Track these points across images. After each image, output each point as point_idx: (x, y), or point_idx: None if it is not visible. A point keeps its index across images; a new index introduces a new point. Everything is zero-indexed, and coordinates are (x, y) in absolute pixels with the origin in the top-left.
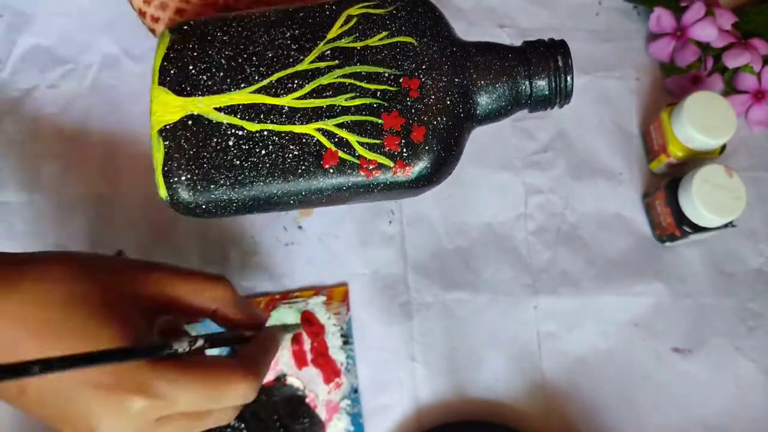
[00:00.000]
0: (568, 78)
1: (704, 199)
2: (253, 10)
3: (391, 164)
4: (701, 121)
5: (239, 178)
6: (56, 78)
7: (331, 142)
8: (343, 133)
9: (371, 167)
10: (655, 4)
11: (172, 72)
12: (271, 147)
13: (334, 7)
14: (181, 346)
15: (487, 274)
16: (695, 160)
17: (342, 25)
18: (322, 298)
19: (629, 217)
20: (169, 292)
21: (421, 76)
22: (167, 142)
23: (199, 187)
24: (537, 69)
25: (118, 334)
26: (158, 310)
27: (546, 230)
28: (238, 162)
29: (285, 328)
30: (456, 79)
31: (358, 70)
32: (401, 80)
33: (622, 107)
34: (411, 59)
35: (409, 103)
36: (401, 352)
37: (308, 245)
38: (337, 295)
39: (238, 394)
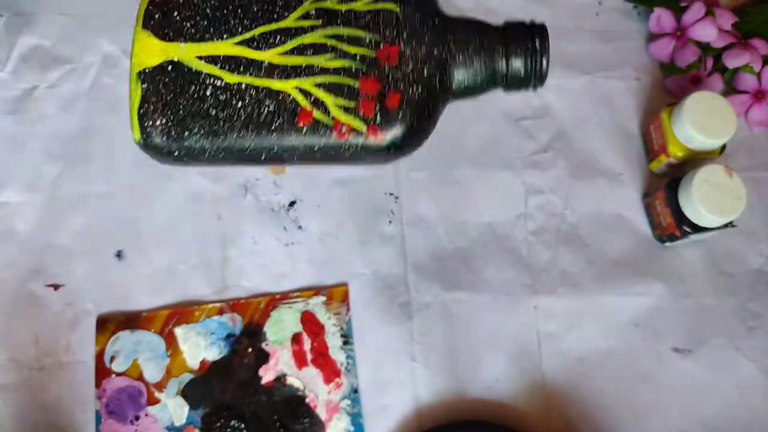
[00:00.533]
0: (544, 60)
1: (704, 199)
2: None
3: (364, 128)
4: (701, 121)
5: (214, 127)
6: (56, 78)
7: (307, 100)
8: (320, 93)
9: (344, 129)
10: (655, 4)
11: (156, 16)
12: (247, 100)
13: None
14: None
15: (487, 274)
16: (695, 160)
17: None
18: (322, 299)
19: (629, 217)
20: None
21: (401, 44)
22: (145, 85)
23: (173, 133)
24: (514, 48)
25: None
26: None
27: (546, 230)
28: (214, 112)
29: None
30: (435, 51)
31: (341, 32)
32: (381, 46)
33: (622, 107)
34: (393, 26)
35: (387, 69)
36: (401, 352)
37: (308, 245)
38: (337, 295)
39: None
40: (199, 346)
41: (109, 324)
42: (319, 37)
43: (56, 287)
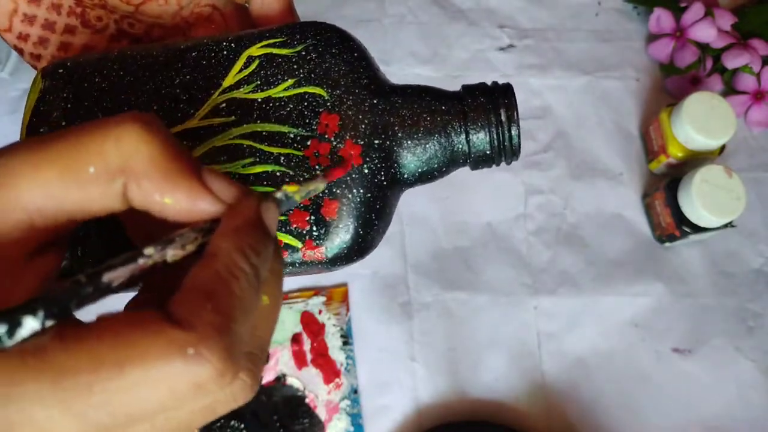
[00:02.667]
0: (513, 133)
1: (704, 199)
2: (141, 46)
3: (300, 245)
4: (701, 122)
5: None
6: None
7: None
8: None
9: None
10: (655, 4)
11: (41, 130)
12: None
13: (233, 45)
14: (36, 318)
15: (487, 274)
16: (695, 160)
17: (241, 70)
18: (322, 299)
19: (629, 217)
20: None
21: (333, 138)
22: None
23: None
24: (475, 124)
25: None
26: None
27: (546, 230)
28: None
29: (281, 194)
30: (376, 141)
31: (258, 129)
32: (309, 143)
33: (622, 108)
34: (320, 116)
35: (318, 171)
36: (401, 353)
37: None
38: (337, 295)
39: (187, 379)
40: None
41: None
42: (233, 137)
43: None
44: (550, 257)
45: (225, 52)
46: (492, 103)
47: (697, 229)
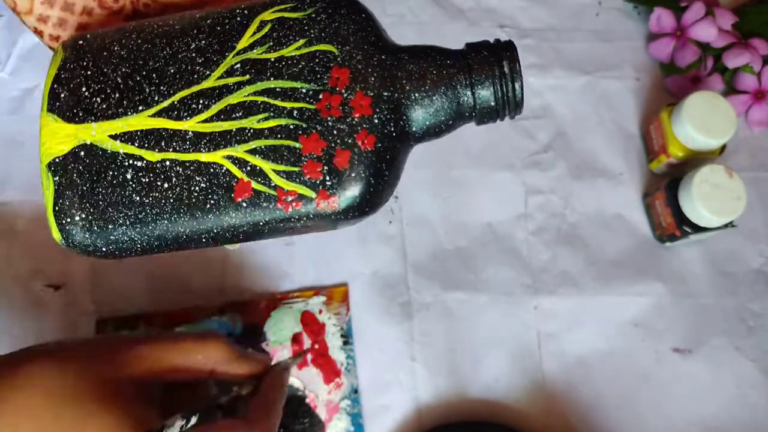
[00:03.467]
0: (516, 85)
1: (704, 199)
2: (157, 18)
3: (313, 195)
4: (701, 121)
5: (140, 216)
6: None
7: (242, 171)
8: (256, 161)
9: (290, 199)
10: (655, 4)
11: (62, 96)
12: (174, 179)
13: (246, 12)
14: (171, 429)
15: (487, 274)
16: (695, 160)
17: (254, 33)
18: (322, 299)
19: (629, 217)
20: (158, 365)
21: (344, 90)
22: (57, 177)
23: (95, 228)
24: (480, 76)
25: (115, 425)
26: (155, 383)
27: (546, 230)
28: (137, 197)
29: (288, 362)
30: (385, 93)
31: (272, 86)
32: (321, 96)
33: (622, 107)
34: (331, 71)
35: (330, 123)
36: (401, 353)
37: (308, 245)
38: (337, 295)
39: None
40: None
41: (109, 324)
42: (248, 94)
43: (56, 288)
44: (550, 257)
45: (238, 18)
46: (495, 56)
47: (698, 228)
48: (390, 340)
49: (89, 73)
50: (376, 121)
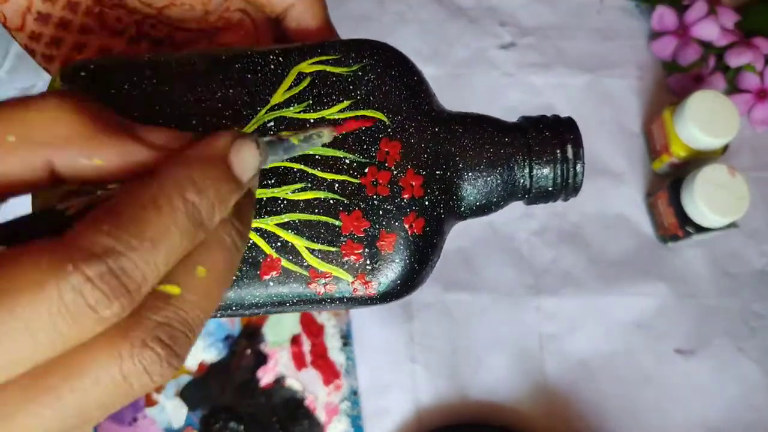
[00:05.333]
0: (578, 169)
1: (707, 199)
2: (175, 53)
3: (350, 278)
4: (704, 121)
5: None
6: None
7: (272, 247)
8: (288, 236)
9: (324, 281)
10: (658, 2)
11: None
12: None
13: (281, 59)
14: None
15: (488, 274)
16: (698, 159)
17: (291, 87)
18: None
19: (632, 217)
20: None
21: (393, 167)
22: None
23: None
24: (540, 159)
25: None
26: None
27: (548, 230)
28: None
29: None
30: (438, 172)
31: (311, 152)
32: (367, 170)
33: (625, 106)
34: (380, 143)
35: (376, 201)
36: (401, 354)
37: None
38: None
39: (66, 311)
40: (198, 348)
41: None
42: (282, 160)
43: None
44: (552, 257)
45: (272, 66)
46: (558, 138)
47: (700, 229)
48: (390, 342)
49: None
50: (427, 203)
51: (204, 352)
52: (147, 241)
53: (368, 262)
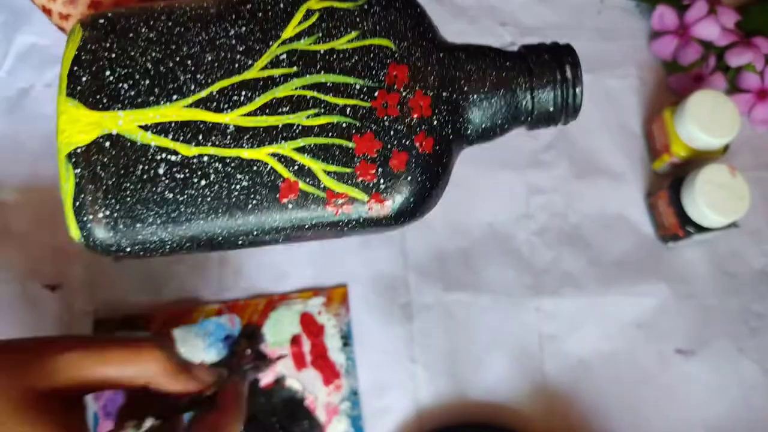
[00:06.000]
0: (577, 90)
1: (707, 199)
2: (187, 1)
3: (366, 198)
4: (704, 120)
5: (173, 214)
6: (53, 77)
7: (289, 170)
8: (304, 160)
9: (340, 201)
10: (658, 1)
11: (84, 79)
12: (213, 176)
13: None
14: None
15: (488, 274)
16: (698, 159)
17: (300, 22)
18: (322, 300)
19: (632, 217)
20: (85, 376)
21: (402, 89)
22: (79, 170)
23: (121, 226)
24: (540, 80)
25: None
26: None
27: (548, 230)
28: (171, 195)
29: (245, 372)
30: (444, 94)
31: (323, 80)
32: (377, 93)
33: (625, 106)
34: (389, 68)
35: (386, 122)
36: (402, 354)
37: (308, 246)
38: (337, 296)
39: None
40: (198, 348)
41: (106, 325)
42: (296, 88)
43: (54, 288)
44: (552, 258)
45: (282, 5)
46: (557, 60)
47: (701, 229)
48: (390, 342)
49: (114, 55)
50: (435, 122)
51: (204, 352)
52: (239, 422)
53: (382, 181)
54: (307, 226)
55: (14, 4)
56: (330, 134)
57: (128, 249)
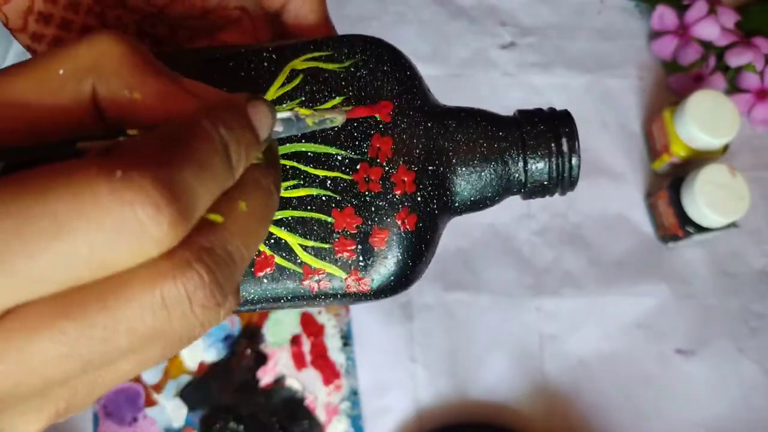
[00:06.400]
0: (574, 163)
1: (707, 199)
2: (168, 52)
3: (344, 275)
4: (704, 121)
5: None
6: None
7: (265, 244)
8: (281, 233)
9: (317, 278)
10: (658, 1)
11: None
12: None
13: (274, 57)
14: None
15: (488, 274)
16: (698, 159)
17: (284, 83)
18: None
19: (632, 217)
20: None
21: (385, 163)
22: None
23: None
24: (534, 153)
25: None
26: None
27: (549, 231)
28: None
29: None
30: (430, 168)
31: (304, 149)
32: (359, 166)
33: (625, 106)
34: (372, 139)
35: (368, 198)
36: (402, 354)
37: None
38: None
39: (118, 212)
40: (198, 348)
41: None
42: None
43: None
44: (552, 258)
45: (266, 64)
46: (553, 131)
47: (701, 229)
48: (390, 342)
49: None
50: (419, 199)
51: (204, 352)
52: (195, 163)
53: (361, 258)
54: (282, 300)
55: None
56: (309, 207)
57: None
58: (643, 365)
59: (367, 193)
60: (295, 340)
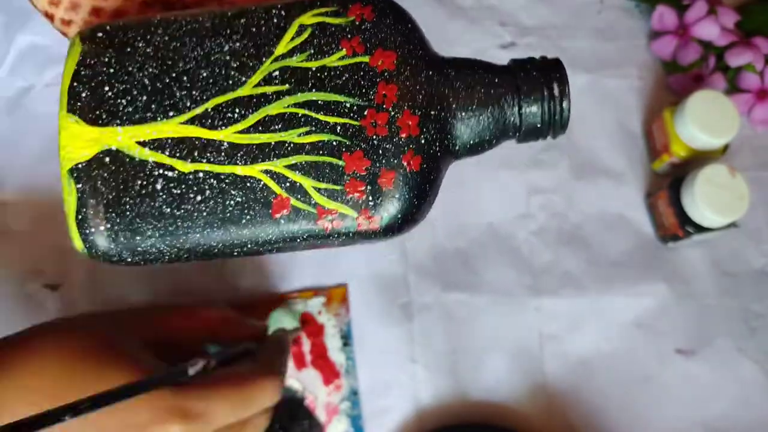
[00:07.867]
0: (564, 105)
1: (707, 199)
2: (184, 11)
3: (355, 214)
4: (704, 120)
5: (170, 228)
6: (53, 77)
7: (281, 187)
8: (296, 177)
9: (330, 217)
10: (658, 1)
11: (83, 95)
12: (208, 192)
13: (282, 13)
14: (195, 368)
15: (488, 274)
16: (698, 159)
17: (293, 38)
18: (322, 299)
19: (632, 217)
20: (166, 325)
21: (391, 108)
22: (80, 185)
23: (121, 238)
24: (528, 96)
25: (129, 372)
26: (166, 345)
27: (548, 230)
28: (168, 209)
29: (286, 331)
30: (432, 112)
31: (314, 98)
32: (366, 112)
33: (625, 106)
34: (378, 86)
35: (375, 141)
36: (401, 354)
37: None
38: (337, 296)
39: (266, 396)
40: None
41: None
42: (288, 106)
43: (54, 288)
44: (551, 258)
45: (275, 20)
46: (545, 77)
47: (701, 229)
48: (390, 342)
49: (112, 70)
50: (423, 141)
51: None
52: (286, 364)
53: (371, 198)
54: (298, 240)
55: (14, 5)
56: (321, 152)
57: (129, 259)
58: (643, 365)
59: (374, 137)
60: (295, 340)
